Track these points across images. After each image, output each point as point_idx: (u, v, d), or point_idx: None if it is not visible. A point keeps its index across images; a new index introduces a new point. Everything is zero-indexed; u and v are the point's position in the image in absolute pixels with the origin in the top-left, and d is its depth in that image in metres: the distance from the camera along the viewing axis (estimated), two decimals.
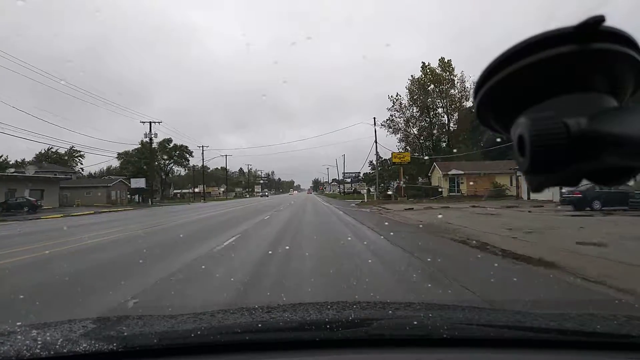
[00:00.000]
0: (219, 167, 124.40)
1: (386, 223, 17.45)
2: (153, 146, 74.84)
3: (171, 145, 79.95)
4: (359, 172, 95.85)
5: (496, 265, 7.64)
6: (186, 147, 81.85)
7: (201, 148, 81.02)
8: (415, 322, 1.52)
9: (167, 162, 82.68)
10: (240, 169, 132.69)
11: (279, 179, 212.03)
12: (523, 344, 1.44)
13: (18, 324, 1.64)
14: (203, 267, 7.67)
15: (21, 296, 5.60)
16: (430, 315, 1.68)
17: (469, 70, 60.85)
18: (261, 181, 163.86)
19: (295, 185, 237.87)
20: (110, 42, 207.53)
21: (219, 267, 7.84)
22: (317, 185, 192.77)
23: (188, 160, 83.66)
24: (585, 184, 0.52)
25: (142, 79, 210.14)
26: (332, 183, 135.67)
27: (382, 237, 12.23)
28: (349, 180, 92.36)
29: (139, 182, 57.95)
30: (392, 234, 12.69)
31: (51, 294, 5.86)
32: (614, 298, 5.24)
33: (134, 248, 10.75)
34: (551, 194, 29.81)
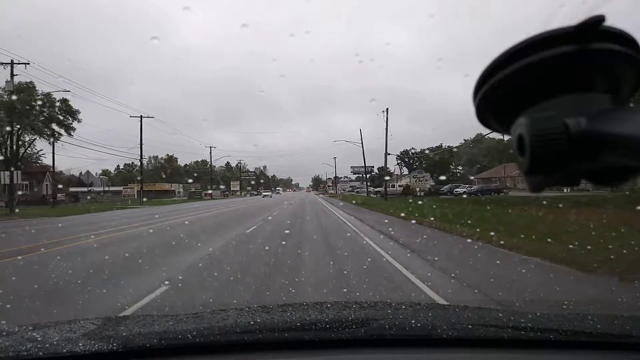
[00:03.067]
0: (199, 160, 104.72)
1: None
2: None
3: (37, 97, 36.27)
4: (372, 167, 74.40)
5: None
6: (66, 100, 38.18)
7: (65, 92, 35.46)
8: (415, 322, 1.52)
9: (20, 127, 35.23)
10: (227, 163, 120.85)
11: (274, 176, 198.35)
12: (523, 344, 1.44)
13: (18, 324, 1.64)
14: None
15: None
16: (430, 315, 1.67)
17: None
18: (259, 180, 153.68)
19: (293, 183, 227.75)
20: (81, 26, 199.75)
21: None
22: (317, 184, 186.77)
23: (71, 129, 38.47)
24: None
25: (127, 69, 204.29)
26: (343, 179, 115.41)
27: None
28: (353, 178, 78.51)
29: None
30: None
31: None
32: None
33: None
34: None
